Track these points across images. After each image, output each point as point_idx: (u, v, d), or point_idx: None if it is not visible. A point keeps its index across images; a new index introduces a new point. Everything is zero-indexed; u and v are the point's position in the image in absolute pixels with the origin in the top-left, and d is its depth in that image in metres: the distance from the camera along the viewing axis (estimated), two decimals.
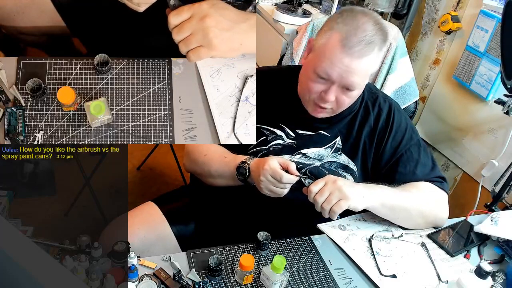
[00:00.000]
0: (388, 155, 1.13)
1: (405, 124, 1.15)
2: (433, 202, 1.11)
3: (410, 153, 1.13)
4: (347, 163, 1.14)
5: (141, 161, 2.40)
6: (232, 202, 1.15)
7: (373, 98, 1.16)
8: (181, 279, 0.87)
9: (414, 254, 1.05)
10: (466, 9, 1.75)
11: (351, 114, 1.14)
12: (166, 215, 1.13)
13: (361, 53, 0.95)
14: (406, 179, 1.11)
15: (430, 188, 1.12)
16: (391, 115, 1.14)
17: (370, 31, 0.96)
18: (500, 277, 1.00)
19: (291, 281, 0.92)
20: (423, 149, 1.15)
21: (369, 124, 1.14)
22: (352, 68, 0.97)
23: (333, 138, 1.14)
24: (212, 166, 1.11)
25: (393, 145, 1.13)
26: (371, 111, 1.15)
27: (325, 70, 0.98)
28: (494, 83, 1.59)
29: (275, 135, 1.14)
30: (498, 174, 1.52)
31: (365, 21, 0.97)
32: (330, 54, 0.97)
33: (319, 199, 0.95)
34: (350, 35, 0.95)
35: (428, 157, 1.16)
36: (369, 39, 0.95)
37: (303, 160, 1.13)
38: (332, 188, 0.96)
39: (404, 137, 1.13)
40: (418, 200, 1.07)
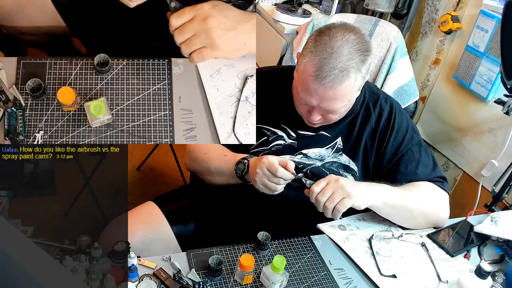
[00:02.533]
0: (389, 155, 1.13)
1: (406, 124, 1.15)
2: (434, 202, 1.11)
3: (411, 153, 1.13)
4: (348, 163, 1.14)
5: (141, 161, 2.40)
6: (232, 202, 1.15)
7: (374, 98, 1.17)
8: (181, 279, 0.87)
9: (414, 254, 1.05)
10: (466, 9, 1.75)
11: (352, 115, 1.14)
12: (166, 215, 1.13)
13: (334, 82, 0.95)
14: (407, 179, 1.11)
15: (432, 188, 1.12)
16: (392, 115, 1.14)
17: (345, 55, 0.94)
18: (500, 277, 1.00)
19: (291, 281, 0.92)
20: (424, 149, 1.16)
21: (370, 125, 1.14)
22: (327, 96, 0.98)
23: (334, 138, 1.14)
24: (211, 164, 1.12)
25: (394, 145, 1.13)
26: (372, 111, 1.15)
27: (304, 98, 1.01)
28: (494, 83, 1.59)
29: (276, 136, 1.14)
30: (498, 174, 1.51)
31: (341, 44, 0.95)
32: (306, 85, 0.99)
33: (321, 199, 0.95)
34: (322, 65, 0.95)
35: (429, 157, 1.16)
36: (342, 66, 0.94)
37: (304, 160, 1.13)
38: (335, 186, 0.95)
39: (406, 137, 1.13)
40: (420, 199, 1.07)
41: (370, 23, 1.57)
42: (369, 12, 1.97)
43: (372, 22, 1.57)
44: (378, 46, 1.56)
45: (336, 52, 0.94)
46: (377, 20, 1.58)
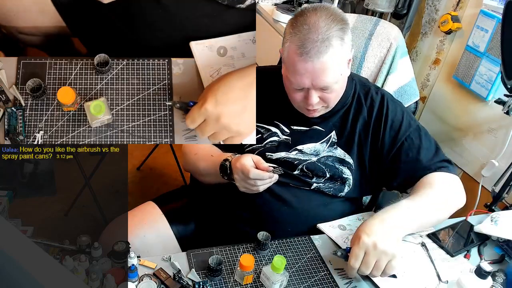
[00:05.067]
0: (388, 145, 1.12)
1: (402, 112, 1.15)
2: (451, 193, 1.08)
3: (410, 140, 1.12)
4: (343, 156, 1.14)
5: (141, 161, 2.40)
6: (232, 202, 1.15)
7: (365, 90, 1.17)
8: (181, 279, 0.87)
9: (414, 254, 1.05)
10: (466, 9, 1.75)
11: (344, 108, 1.14)
12: (166, 215, 1.13)
13: (319, 52, 0.96)
14: (410, 167, 1.10)
15: (441, 179, 1.08)
16: (384, 105, 1.14)
17: (322, 27, 0.96)
18: (500, 277, 1.00)
19: (291, 281, 0.92)
20: (424, 133, 1.14)
21: (363, 116, 1.14)
22: (316, 70, 0.97)
23: (328, 132, 1.14)
24: (200, 165, 1.14)
25: (391, 134, 1.12)
26: (364, 103, 1.15)
27: (296, 82, 1.00)
28: (494, 83, 1.59)
29: (270, 132, 1.14)
30: (498, 174, 1.51)
31: (316, 19, 0.97)
32: (293, 67, 0.99)
33: (367, 272, 0.89)
34: (303, 40, 0.96)
35: (431, 141, 1.14)
36: (323, 37, 0.95)
37: (299, 156, 1.13)
38: (377, 254, 0.88)
39: (402, 125, 1.12)
40: (438, 200, 1.04)
41: (370, 23, 1.57)
42: (369, 12, 1.98)
43: (372, 22, 1.57)
44: (378, 46, 1.56)
45: (313, 26, 0.96)
46: (377, 20, 1.58)
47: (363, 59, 1.55)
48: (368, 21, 1.58)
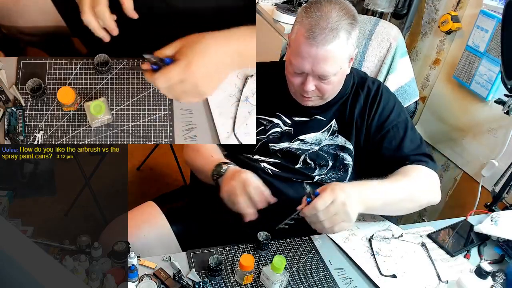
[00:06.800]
0: (374, 129, 1.15)
1: (393, 103, 1.18)
2: (425, 186, 1.09)
3: (396, 129, 1.14)
4: (344, 143, 1.16)
5: (141, 161, 2.40)
6: None
7: (363, 81, 1.21)
8: (181, 279, 0.87)
9: (414, 254, 1.05)
10: (466, 9, 1.74)
11: (343, 98, 1.17)
12: (166, 215, 1.14)
13: (325, 40, 0.98)
14: (391, 155, 1.13)
15: (419, 171, 1.10)
16: (379, 93, 1.17)
17: (333, 17, 0.99)
18: (500, 277, 1.00)
19: (291, 281, 0.92)
20: (411, 127, 1.17)
21: (360, 103, 1.17)
22: (319, 57, 0.99)
23: (328, 121, 1.16)
24: (197, 161, 1.14)
25: (380, 119, 1.15)
26: (361, 91, 1.18)
27: (297, 65, 1.03)
28: (494, 83, 1.59)
29: (272, 124, 1.17)
30: (498, 174, 1.51)
31: (329, 9, 0.99)
32: (298, 49, 1.01)
33: (322, 217, 0.91)
34: (313, 25, 0.98)
35: (416, 135, 1.17)
36: (332, 26, 0.98)
37: (302, 146, 1.15)
38: (341, 210, 0.91)
39: (392, 114, 1.15)
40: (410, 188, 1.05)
41: (370, 23, 1.57)
42: (369, 12, 1.98)
43: (372, 22, 1.57)
44: (378, 46, 1.56)
45: (325, 15, 0.99)
46: (377, 20, 1.58)
47: (362, 59, 1.56)
48: (367, 21, 1.58)
